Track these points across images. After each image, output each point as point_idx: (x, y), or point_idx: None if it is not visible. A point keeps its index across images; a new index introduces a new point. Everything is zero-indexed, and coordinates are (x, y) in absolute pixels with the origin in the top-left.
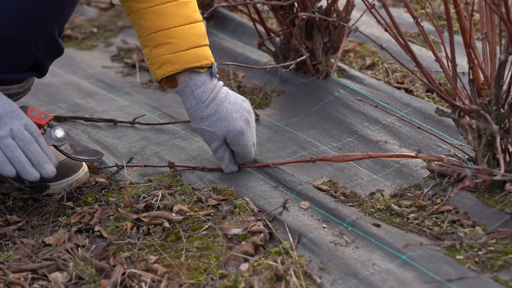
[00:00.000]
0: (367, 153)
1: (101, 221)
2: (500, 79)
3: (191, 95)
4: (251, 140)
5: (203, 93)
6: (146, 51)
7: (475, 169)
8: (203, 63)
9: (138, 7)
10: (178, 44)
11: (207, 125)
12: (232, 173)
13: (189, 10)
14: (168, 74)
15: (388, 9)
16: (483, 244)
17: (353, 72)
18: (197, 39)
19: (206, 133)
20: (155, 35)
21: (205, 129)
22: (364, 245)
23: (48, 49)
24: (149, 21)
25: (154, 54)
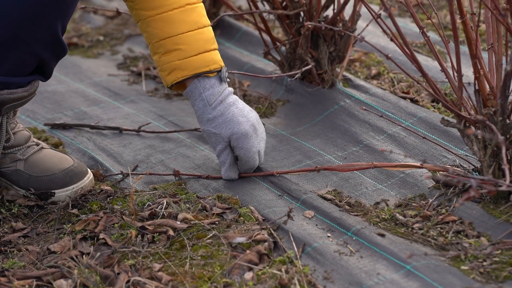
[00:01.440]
0: (372, 163)
1: (106, 228)
2: (506, 89)
3: (199, 97)
4: (256, 147)
5: (211, 96)
6: (155, 58)
7: (480, 180)
8: (212, 68)
9: (145, 14)
10: (186, 50)
11: (213, 126)
12: (237, 181)
13: (197, 15)
14: (178, 80)
15: (394, 19)
16: (488, 255)
17: (359, 81)
18: (205, 44)
19: (212, 135)
20: (164, 42)
21: (211, 130)
22: (369, 255)
23: (52, 49)
24: (157, 28)
25: (163, 61)
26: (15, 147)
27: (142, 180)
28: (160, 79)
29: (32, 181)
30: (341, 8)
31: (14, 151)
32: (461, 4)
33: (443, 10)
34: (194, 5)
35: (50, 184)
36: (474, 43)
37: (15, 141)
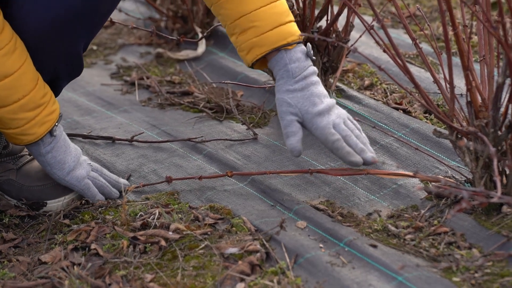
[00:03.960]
0: (365, 170)
1: (98, 239)
2: (497, 101)
3: (284, 68)
4: (331, 123)
5: (296, 68)
6: (233, 39)
7: (472, 191)
8: (290, 40)
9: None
10: (261, 26)
11: (290, 97)
12: (229, 191)
13: None
14: (257, 57)
15: (387, 30)
16: (479, 267)
17: (352, 92)
18: (279, 17)
19: (285, 104)
20: (238, 21)
21: (286, 100)
22: (361, 266)
23: (70, 65)
24: (229, 9)
25: (240, 41)
26: (8, 156)
27: (134, 189)
28: (154, 88)
29: (24, 191)
30: (334, 19)
31: (7, 160)
32: (453, 16)
33: (436, 22)
34: None
35: (42, 194)
36: (466, 55)
37: (11, 150)
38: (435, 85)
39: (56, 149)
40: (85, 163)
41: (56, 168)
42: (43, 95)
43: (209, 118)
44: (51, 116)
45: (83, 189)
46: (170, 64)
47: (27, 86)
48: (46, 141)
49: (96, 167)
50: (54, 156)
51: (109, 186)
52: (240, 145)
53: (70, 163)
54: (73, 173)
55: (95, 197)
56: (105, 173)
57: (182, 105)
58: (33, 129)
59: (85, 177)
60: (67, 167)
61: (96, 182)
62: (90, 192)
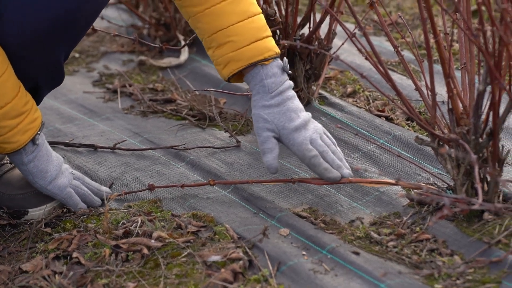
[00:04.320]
0: (347, 178)
1: (79, 247)
2: (478, 109)
3: (260, 83)
4: (308, 139)
5: (272, 84)
6: (210, 53)
7: (453, 198)
8: (267, 55)
9: (194, 11)
10: (238, 41)
11: (266, 113)
12: (212, 199)
13: (245, 5)
14: (234, 72)
15: (369, 38)
16: (461, 273)
17: (334, 99)
18: (256, 32)
19: (261, 120)
20: (215, 35)
21: (262, 115)
22: (343, 273)
23: (51, 75)
24: (207, 23)
25: (217, 55)
26: None
27: (116, 197)
28: (136, 96)
29: (5, 200)
30: (316, 27)
31: None
32: (434, 24)
33: (418, 30)
34: None
35: (24, 203)
36: (448, 62)
37: None
38: (417, 92)
39: (38, 158)
40: (67, 171)
41: (38, 177)
42: (25, 103)
43: (192, 126)
44: (33, 124)
45: (65, 198)
46: (153, 72)
47: (9, 94)
48: (28, 150)
49: (78, 176)
50: (36, 165)
51: (91, 194)
52: (223, 152)
53: (52, 172)
54: (55, 182)
55: (77, 206)
56: (87, 181)
57: (164, 113)
58: (16, 137)
59: (67, 185)
60: (49, 176)
61: (78, 191)
62: (72, 200)
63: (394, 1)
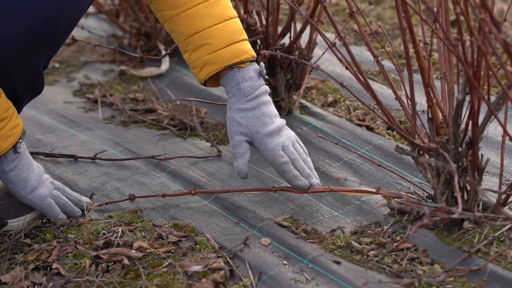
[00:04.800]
0: (328, 187)
1: (59, 258)
2: (457, 118)
3: (236, 86)
4: (280, 145)
5: (248, 87)
6: (186, 56)
7: (433, 207)
8: (243, 58)
9: (170, 14)
10: (214, 44)
11: (240, 117)
12: (193, 209)
13: (221, 8)
14: (210, 74)
15: (349, 48)
16: (441, 282)
17: (315, 109)
18: (233, 35)
19: (235, 123)
20: (191, 38)
21: (236, 119)
22: (325, 282)
23: (30, 84)
24: (183, 26)
25: (193, 58)
26: None
27: (97, 208)
28: (117, 106)
29: None
30: (297, 36)
31: None
32: (414, 34)
33: (398, 39)
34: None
35: (3, 214)
36: (427, 72)
37: None
38: (398, 101)
39: (20, 166)
40: (48, 181)
41: (19, 186)
42: (7, 109)
43: (173, 136)
44: (15, 130)
45: (45, 208)
46: (134, 82)
47: None
48: (10, 158)
49: (58, 186)
50: (17, 174)
51: (71, 205)
52: (204, 162)
53: (33, 181)
54: (36, 191)
55: (57, 216)
56: (67, 191)
57: (145, 123)
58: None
59: (47, 195)
60: (30, 185)
61: (58, 201)
62: (52, 211)
63: (375, 11)
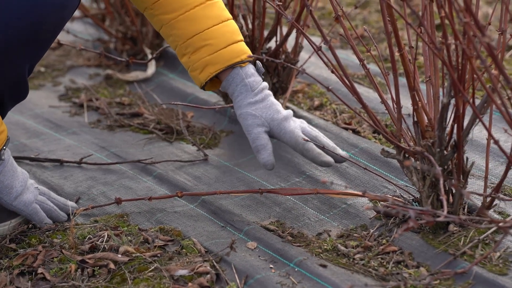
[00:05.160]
0: (315, 189)
1: (45, 263)
2: (443, 121)
3: (241, 83)
4: (298, 128)
5: (253, 82)
6: (184, 60)
7: (419, 210)
8: (243, 58)
9: (168, 18)
10: (215, 44)
11: (253, 109)
12: (180, 212)
13: (218, 9)
14: (212, 75)
15: (334, 51)
16: (427, 285)
17: (302, 112)
18: (232, 36)
19: (250, 117)
20: (191, 40)
21: (250, 112)
22: (311, 286)
23: (14, 89)
24: (182, 28)
25: (193, 60)
26: None
27: (82, 212)
28: (103, 110)
29: None
30: (283, 40)
31: None
32: (399, 37)
33: (384, 43)
34: (214, 0)
35: None
36: (412, 75)
37: None
38: (383, 105)
39: (4, 173)
40: (32, 187)
41: (3, 193)
42: None
43: (159, 140)
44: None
45: (30, 214)
46: (120, 86)
47: None
48: None
49: (44, 191)
50: (1, 181)
51: (57, 210)
52: (190, 166)
53: (18, 187)
54: (20, 198)
55: (43, 222)
56: (52, 196)
57: (131, 127)
58: None
59: (32, 201)
60: (15, 192)
61: (43, 206)
62: (37, 216)
63: (360, 15)
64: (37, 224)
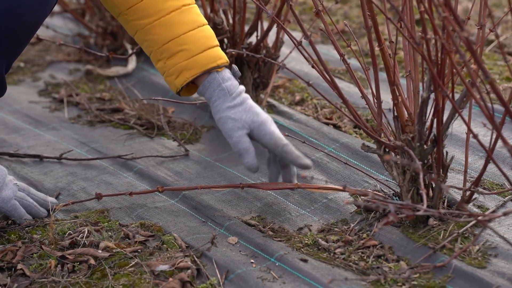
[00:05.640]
0: (296, 184)
1: (24, 259)
2: (422, 116)
3: (219, 87)
4: (277, 130)
5: (231, 86)
6: (160, 65)
7: (399, 205)
8: (219, 63)
9: (143, 23)
10: (191, 50)
11: (232, 113)
12: (161, 208)
13: (193, 15)
14: (188, 80)
15: (315, 46)
16: (406, 279)
17: (283, 107)
18: (207, 41)
19: (230, 120)
20: (166, 46)
21: (230, 116)
22: (291, 280)
23: None
24: (157, 34)
25: (169, 65)
26: None
27: (63, 208)
28: (83, 105)
29: None
30: (264, 35)
31: None
32: (379, 32)
33: (364, 38)
34: (189, 5)
35: None
36: (392, 70)
37: None
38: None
39: None
40: (11, 183)
41: None
42: None
43: (140, 135)
44: None
45: (10, 211)
46: (100, 81)
47: None
48: None
49: (23, 187)
50: None
51: (36, 205)
52: (171, 161)
53: None
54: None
55: (22, 218)
56: (32, 192)
57: (112, 122)
58: None
59: (11, 198)
60: None
61: (23, 202)
62: (17, 213)
63: (341, 10)
64: (16, 220)
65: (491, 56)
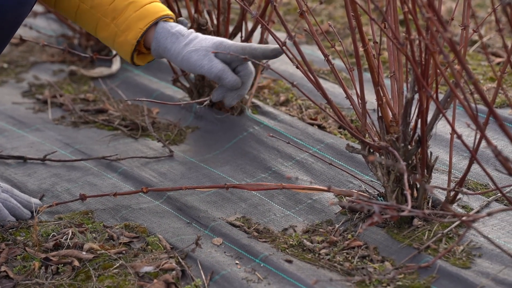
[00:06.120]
0: (280, 184)
1: (8, 261)
2: (407, 116)
3: (169, 34)
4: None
5: (181, 29)
6: (111, 29)
7: (383, 205)
8: (168, 13)
9: None
10: (139, 1)
11: (191, 47)
12: (145, 209)
13: None
14: (142, 31)
15: (299, 47)
16: (391, 279)
17: (268, 108)
18: None
19: (193, 53)
20: (114, 4)
21: (190, 50)
22: (276, 281)
23: None
24: None
25: (120, 22)
26: None
27: (47, 209)
28: (67, 106)
29: None
30: (248, 36)
31: None
32: (363, 32)
33: (349, 38)
34: None
35: None
36: (377, 71)
37: None
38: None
39: None
40: None
41: None
42: None
43: (124, 136)
44: None
45: None
46: (84, 82)
47: None
48: None
49: (6, 188)
50: None
51: (20, 207)
52: (156, 162)
53: None
54: None
55: (6, 219)
56: (15, 193)
57: (96, 123)
58: None
59: None
60: None
61: (6, 204)
62: (0, 214)
63: (326, 10)
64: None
65: (475, 57)
